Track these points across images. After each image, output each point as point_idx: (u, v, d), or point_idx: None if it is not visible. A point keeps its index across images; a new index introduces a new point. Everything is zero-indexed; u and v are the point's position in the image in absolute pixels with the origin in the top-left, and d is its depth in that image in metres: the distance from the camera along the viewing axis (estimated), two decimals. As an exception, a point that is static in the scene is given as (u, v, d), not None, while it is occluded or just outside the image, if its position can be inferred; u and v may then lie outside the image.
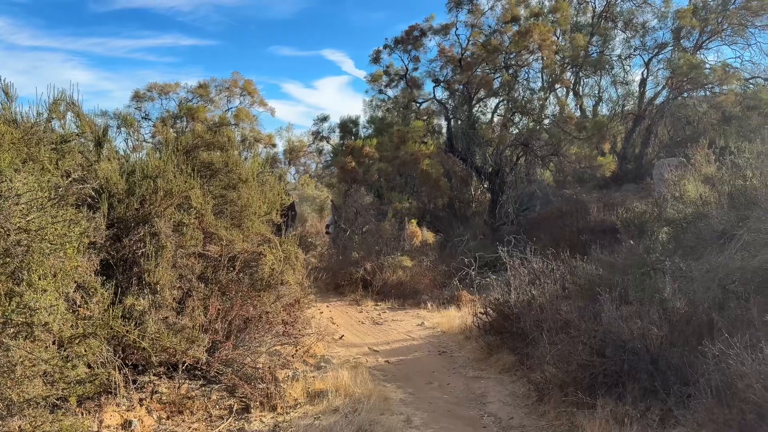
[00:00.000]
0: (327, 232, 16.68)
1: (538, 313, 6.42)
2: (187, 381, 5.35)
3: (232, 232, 6.12)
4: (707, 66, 17.65)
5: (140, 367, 5.15)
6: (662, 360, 4.47)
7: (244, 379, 5.49)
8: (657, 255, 6.17)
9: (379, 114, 18.21)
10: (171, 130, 17.41)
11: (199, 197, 5.83)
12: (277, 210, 7.29)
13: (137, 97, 20.40)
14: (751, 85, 18.24)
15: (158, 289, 5.21)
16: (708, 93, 18.45)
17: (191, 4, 58.58)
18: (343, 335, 8.49)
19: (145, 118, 20.35)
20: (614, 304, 5.20)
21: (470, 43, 16.04)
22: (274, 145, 22.63)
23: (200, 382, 5.48)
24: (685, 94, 18.27)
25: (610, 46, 18.61)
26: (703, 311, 4.68)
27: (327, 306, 10.68)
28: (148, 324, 4.82)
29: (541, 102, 16.21)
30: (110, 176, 5.25)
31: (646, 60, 18.79)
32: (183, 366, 5.20)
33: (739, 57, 18.96)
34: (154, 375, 5.28)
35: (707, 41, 18.70)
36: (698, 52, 18.40)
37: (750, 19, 18.09)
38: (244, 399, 5.31)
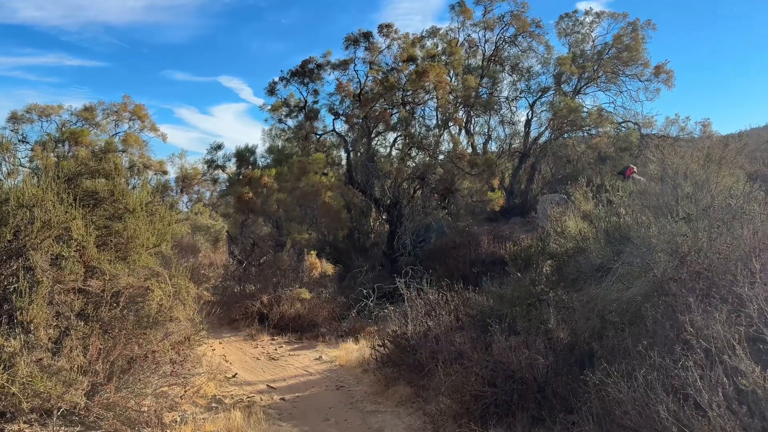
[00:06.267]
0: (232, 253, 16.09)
1: (433, 345, 6.55)
2: (62, 428, 4.91)
3: (116, 266, 5.76)
4: (585, 110, 19.20)
5: (9, 415, 4.67)
6: (549, 389, 4.69)
7: (127, 424, 5.13)
8: (542, 287, 6.52)
9: (279, 144, 18.04)
10: (52, 155, 16.25)
11: (81, 228, 5.46)
12: (168, 241, 6.97)
13: (14, 118, 18.88)
14: (623, 128, 20.00)
15: (32, 328, 4.80)
16: (585, 134, 20.05)
17: (78, 23, 55.68)
18: (236, 373, 8.18)
19: (23, 141, 18.85)
20: (504, 334, 5.42)
21: (368, 79, 16.40)
22: (165, 172, 21.68)
23: (78, 429, 5.04)
24: (566, 135, 19.72)
25: (498, 88, 19.80)
26: (584, 341, 4.99)
27: (220, 342, 10.26)
28: (19, 367, 4.42)
29: (436, 138, 16.81)
30: (-21, 205, 4.80)
31: (530, 102, 20.15)
32: (58, 412, 4.78)
33: (612, 102, 20.77)
34: (25, 423, 4.81)
35: (585, 87, 20.39)
36: (577, 97, 19.97)
37: (621, 68, 19.98)
38: (126, 446, 4.95)
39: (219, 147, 17.79)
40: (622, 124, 20.05)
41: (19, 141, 18.85)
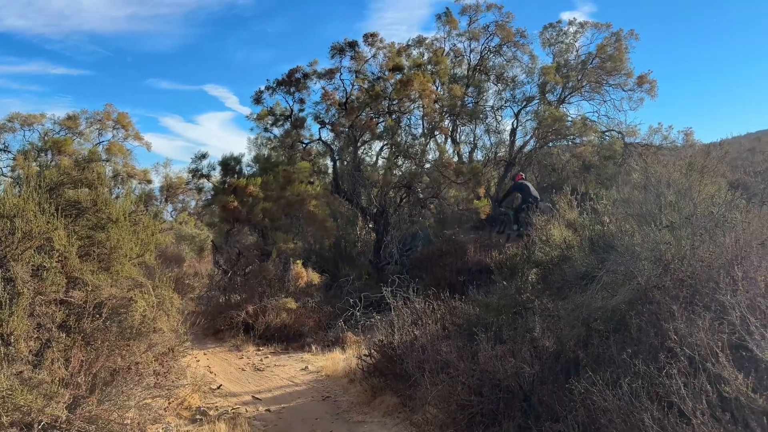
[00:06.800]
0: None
1: (420, 354, 6.53)
2: (42, 443, 4.81)
3: (99, 277, 5.68)
4: (569, 119, 19.37)
5: (-15, 430, 4.58)
6: (535, 397, 4.69)
7: (109, 438, 5.04)
8: (527, 295, 6.54)
9: (265, 152, 18.00)
10: (34, 164, 16.08)
11: (63, 239, 5.39)
12: (152, 251, 6.90)
13: (-4, 127, 18.72)
14: (606, 137, 20.20)
15: (12, 340, 4.72)
16: (570, 143, 20.23)
17: (61, 32, 55.37)
18: (221, 385, 8.10)
19: (4, 150, 18.67)
20: (490, 343, 5.42)
21: (354, 88, 16.43)
22: (149, 181, 21.57)
23: (58, 444, 4.95)
24: (550, 144, 19.88)
25: (484, 98, 19.93)
26: (569, 349, 5.00)
27: (204, 353, 10.16)
28: (-2, 380, 4.33)
29: (422, 147, 16.88)
30: (-43, 216, 4.72)
31: (515, 111, 20.30)
32: (39, 426, 4.69)
33: (596, 111, 20.99)
34: (3, 438, 4.72)
35: (569, 96, 20.58)
36: (561, 106, 20.15)
37: (605, 78, 20.19)
38: (108, 460, 4.87)
39: (204, 156, 17.69)
40: (606, 133, 20.25)
41: (0, 150, 18.68)
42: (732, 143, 21.84)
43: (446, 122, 18.56)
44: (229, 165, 16.94)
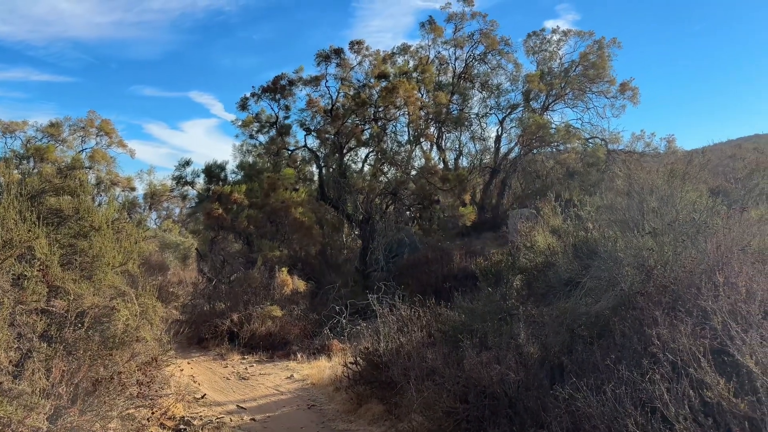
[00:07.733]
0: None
1: (405, 361, 6.52)
2: (21, 456, 4.73)
3: (81, 285, 5.62)
4: (553, 126, 19.57)
5: (-36, 443, 4.49)
6: (520, 404, 4.70)
7: (91, 449, 4.97)
8: (512, 301, 6.56)
9: (250, 159, 17.97)
10: (16, 172, 15.88)
11: (45, 247, 5.32)
12: (135, 260, 6.83)
13: (-24, 134, 18.47)
14: (590, 144, 20.43)
15: (-10, 351, 4.64)
16: (554, 150, 20.42)
17: (44, 38, 54.94)
18: (205, 394, 8.01)
19: (-15, 157, 18.37)
20: (475, 350, 5.42)
21: (340, 95, 16.48)
22: (133, 189, 21.39)
23: (38, 456, 4.86)
24: (535, 151, 20.06)
25: (469, 105, 20.12)
26: (554, 355, 5.01)
27: (188, 362, 10.05)
28: (-25, 392, 4.26)
29: (408, 154, 16.96)
30: (-65, 224, 4.65)
31: (500, 118, 20.48)
32: (18, 438, 4.61)
33: (579, 119, 21.35)
34: (-19, 451, 4.63)
35: (553, 103, 20.81)
36: (545, 113, 20.36)
37: (588, 85, 20.45)
38: (90, 472, 4.79)
39: (187, 163, 17.62)
40: (590, 140, 20.47)
41: (-20, 157, 18.41)
42: (713, 150, 22.19)
43: (432, 129, 18.68)
44: (214, 172, 16.87)
